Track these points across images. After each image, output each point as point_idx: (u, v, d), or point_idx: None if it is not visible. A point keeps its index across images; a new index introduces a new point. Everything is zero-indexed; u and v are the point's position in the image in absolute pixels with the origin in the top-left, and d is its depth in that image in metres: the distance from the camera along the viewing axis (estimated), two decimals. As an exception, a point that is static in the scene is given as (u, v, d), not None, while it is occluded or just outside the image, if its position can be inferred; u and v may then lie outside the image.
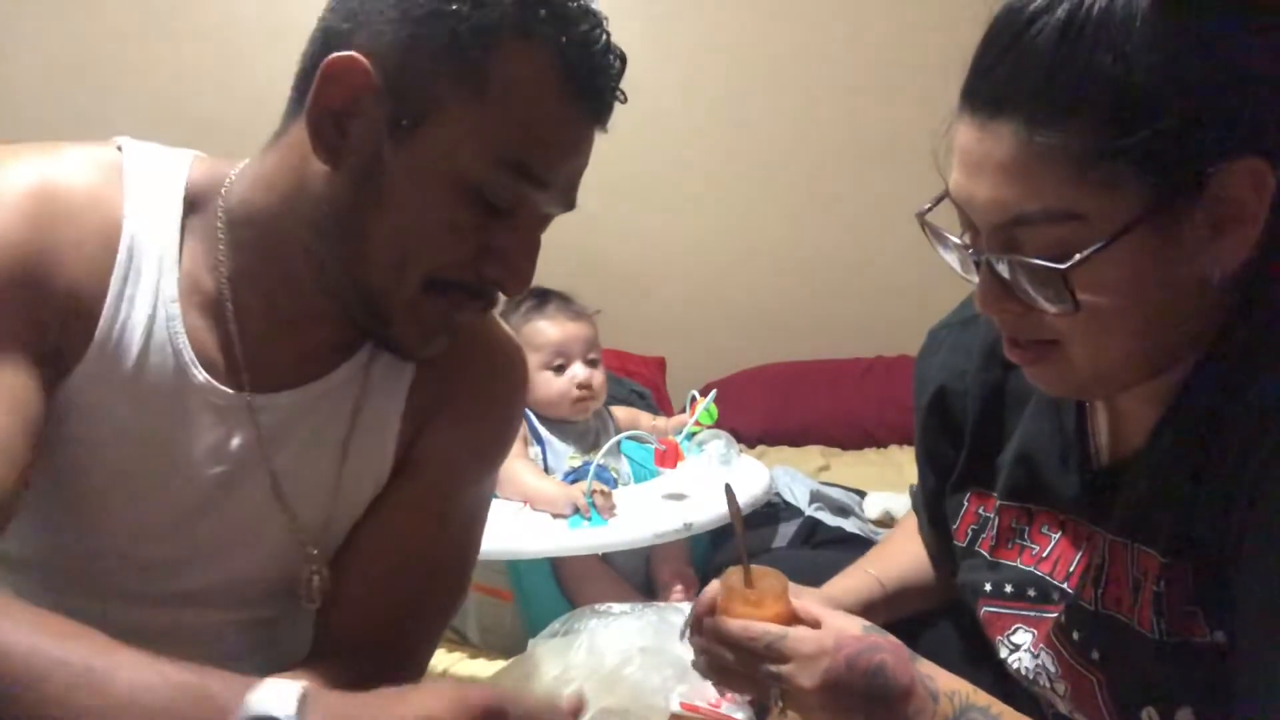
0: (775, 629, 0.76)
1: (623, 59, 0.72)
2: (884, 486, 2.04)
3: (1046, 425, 0.80)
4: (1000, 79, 0.63)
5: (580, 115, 0.70)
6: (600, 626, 1.19)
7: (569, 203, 0.74)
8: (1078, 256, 0.60)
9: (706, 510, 1.47)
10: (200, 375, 0.73)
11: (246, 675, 0.58)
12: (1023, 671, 0.80)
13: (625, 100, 0.73)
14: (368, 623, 0.79)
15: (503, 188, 0.68)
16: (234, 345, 0.74)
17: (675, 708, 1.05)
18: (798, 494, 1.81)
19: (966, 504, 0.88)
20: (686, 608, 1.29)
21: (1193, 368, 0.67)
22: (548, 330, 1.70)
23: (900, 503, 1.92)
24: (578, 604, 1.39)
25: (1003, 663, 0.82)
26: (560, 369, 1.69)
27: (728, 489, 0.84)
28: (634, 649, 1.12)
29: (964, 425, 0.88)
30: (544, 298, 1.74)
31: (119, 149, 0.75)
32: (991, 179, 0.63)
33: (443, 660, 1.44)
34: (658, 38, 2.84)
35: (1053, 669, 0.77)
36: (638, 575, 1.61)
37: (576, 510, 1.45)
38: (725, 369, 2.88)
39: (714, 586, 0.81)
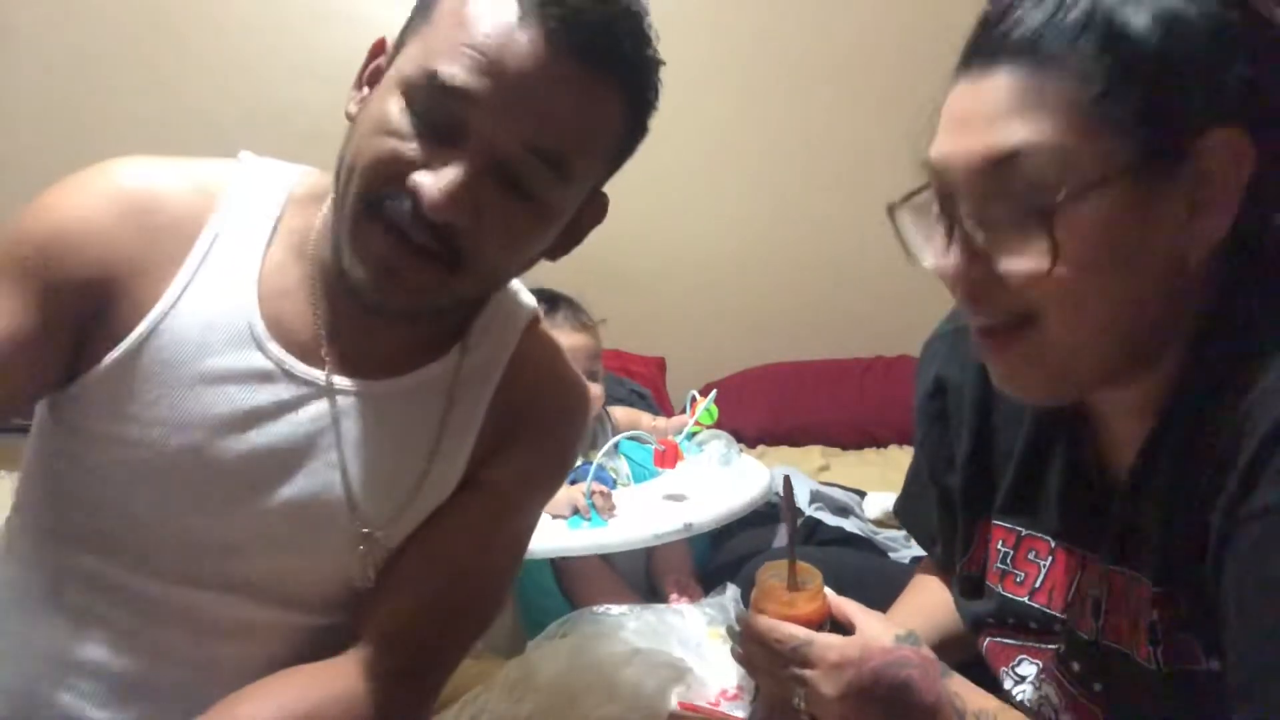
0: (802, 634, 0.75)
1: (618, 8, 0.72)
2: (884, 486, 2.03)
3: (1046, 443, 0.78)
4: (1001, 31, 0.63)
5: (534, 39, 0.68)
6: (599, 628, 1.19)
7: (527, 139, 0.69)
8: (1063, 193, 0.59)
9: (706, 510, 1.46)
10: (276, 349, 0.77)
11: None
12: (1026, 704, 0.78)
13: (619, 44, 0.71)
14: (404, 633, 0.79)
15: (431, 100, 0.68)
16: (321, 332, 0.78)
17: (673, 708, 1.05)
18: (798, 494, 1.81)
19: (973, 530, 0.86)
20: (685, 609, 1.29)
21: (1175, 386, 0.65)
22: None
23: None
24: (578, 605, 1.39)
25: (1007, 694, 0.80)
26: None
27: (786, 480, 0.84)
28: (632, 650, 1.12)
29: (959, 431, 0.86)
30: (554, 304, 1.72)
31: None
32: (984, 124, 0.62)
33: (442, 661, 1.44)
34: (658, 40, 2.84)
35: (1056, 701, 0.75)
36: (638, 576, 1.61)
37: (576, 511, 1.45)
38: (725, 369, 2.87)
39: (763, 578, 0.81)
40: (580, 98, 0.70)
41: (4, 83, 2.63)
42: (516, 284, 0.90)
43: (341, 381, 0.79)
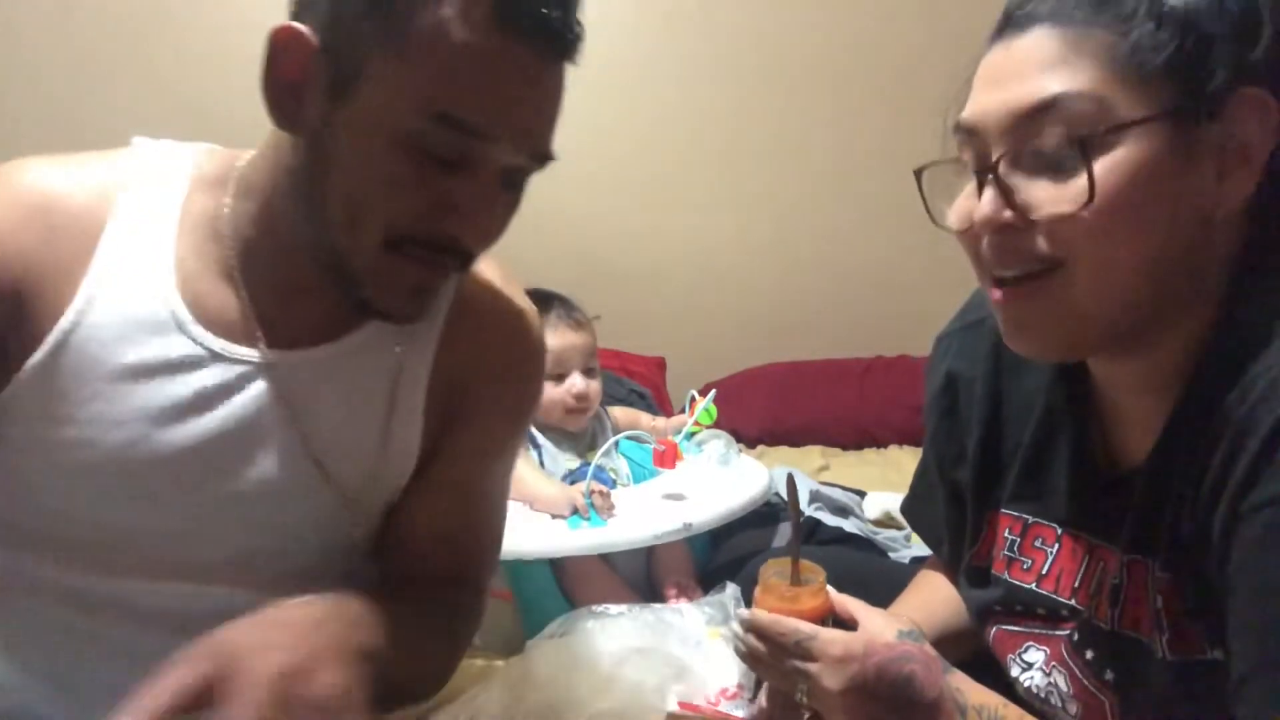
0: (806, 627, 0.75)
1: None
2: (884, 486, 2.03)
3: (1052, 433, 0.78)
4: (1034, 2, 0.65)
5: (519, 54, 0.67)
6: (597, 627, 1.19)
7: (533, 151, 0.72)
8: (1102, 129, 0.61)
9: (706, 510, 1.46)
10: (203, 332, 0.76)
11: None
12: (1034, 690, 0.78)
13: (579, 34, 0.70)
14: (448, 555, 0.85)
15: (441, 140, 0.67)
16: (248, 311, 0.77)
17: (673, 707, 1.05)
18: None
19: (981, 522, 0.86)
20: (685, 608, 1.29)
21: (1192, 365, 0.65)
22: (548, 340, 1.68)
23: (900, 503, 1.91)
24: (578, 604, 1.38)
25: (1011, 684, 0.80)
26: (559, 378, 1.68)
27: (790, 479, 0.85)
28: (630, 649, 1.12)
29: (970, 424, 0.87)
30: (546, 303, 1.72)
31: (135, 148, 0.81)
32: (1022, 78, 0.64)
33: (441, 660, 1.44)
34: (659, 38, 2.84)
35: (1064, 688, 0.75)
36: (638, 576, 1.61)
37: (576, 511, 1.45)
38: (725, 369, 2.87)
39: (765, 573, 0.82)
40: (558, 92, 0.72)
41: (4, 83, 2.63)
42: None
43: (278, 356, 0.78)
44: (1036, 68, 0.63)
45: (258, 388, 0.77)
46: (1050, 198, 0.63)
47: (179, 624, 0.76)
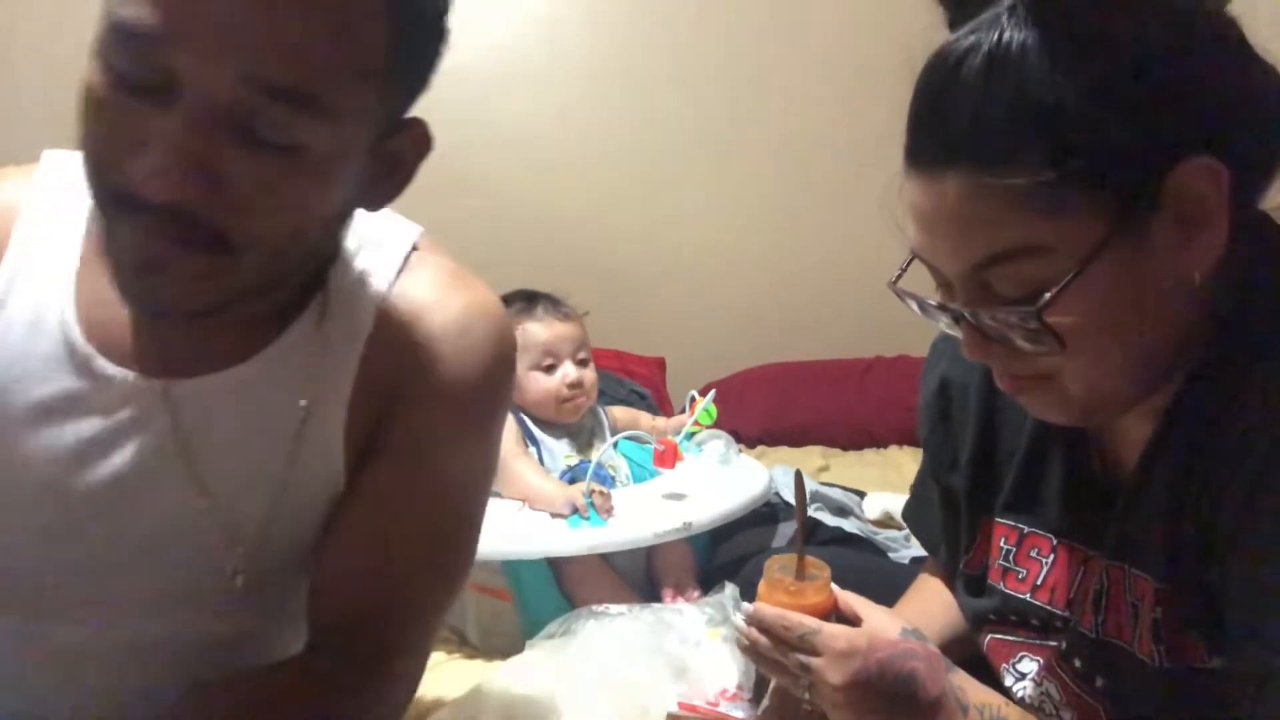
0: (810, 622, 0.76)
1: None
2: (884, 487, 2.03)
3: (1047, 443, 0.79)
4: (937, 131, 0.62)
5: None
6: (597, 627, 1.19)
7: (252, 73, 0.56)
8: (1048, 295, 0.60)
9: (706, 510, 1.46)
10: (104, 365, 0.70)
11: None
12: (1027, 700, 0.78)
13: None
14: (354, 613, 0.74)
15: (120, 51, 0.57)
16: (152, 338, 0.71)
17: (673, 708, 1.05)
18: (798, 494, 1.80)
19: (975, 528, 0.86)
20: (685, 608, 1.29)
21: (1184, 382, 0.65)
22: (536, 331, 1.69)
23: (900, 503, 1.91)
24: (577, 604, 1.38)
25: (1007, 691, 0.80)
26: (550, 369, 1.69)
27: (798, 475, 0.85)
28: (631, 649, 1.12)
29: (963, 430, 0.87)
30: (532, 300, 1.73)
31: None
32: (950, 230, 0.63)
33: (442, 660, 1.44)
34: (657, 37, 2.84)
35: (1057, 697, 0.75)
36: (638, 576, 1.61)
37: (575, 510, 1.45)
38: (725, 369, 2.87)
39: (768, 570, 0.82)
40: (307, 10, 0.56)
41: (4, 83, 2.63)
42: (385, 234, 0.80)
43: (181, 385, 0.71)
44: (961, 224, 0.62)
45: (158, 421, 0.71)
46: (1024, 338, 0.63)
47: (93, 656, 0.73)
